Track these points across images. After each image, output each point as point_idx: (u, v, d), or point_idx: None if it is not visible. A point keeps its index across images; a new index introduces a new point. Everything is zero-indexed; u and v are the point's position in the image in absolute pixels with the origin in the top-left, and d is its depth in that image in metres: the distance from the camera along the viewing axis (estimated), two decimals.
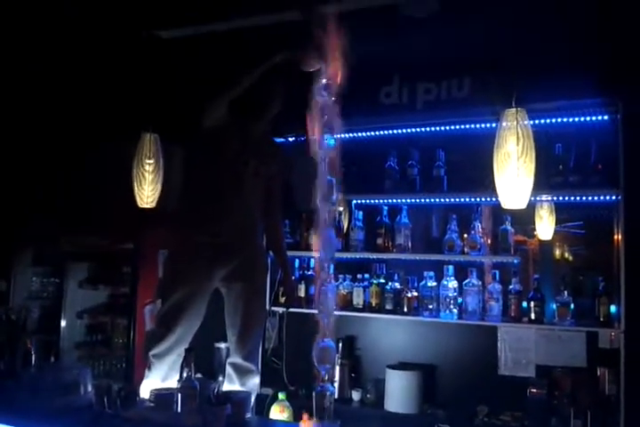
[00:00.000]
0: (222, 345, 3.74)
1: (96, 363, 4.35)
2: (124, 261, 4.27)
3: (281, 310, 3.77)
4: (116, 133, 3.91)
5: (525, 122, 2.39)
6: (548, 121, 3.37)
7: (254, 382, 2.93)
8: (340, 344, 3.70)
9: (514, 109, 2.36)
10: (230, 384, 2.87)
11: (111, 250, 4.26)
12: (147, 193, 3.20)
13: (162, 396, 2.40)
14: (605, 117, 3.29)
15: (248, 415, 2.42)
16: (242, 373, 2.89)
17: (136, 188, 3.17)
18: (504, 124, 2.41)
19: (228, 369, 2.92)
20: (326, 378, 2.09)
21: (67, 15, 3.13)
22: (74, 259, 4.50)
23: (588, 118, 3.32)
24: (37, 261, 4.76)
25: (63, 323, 4.48)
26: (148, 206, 3.19)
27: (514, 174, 2.36)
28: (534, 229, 3.58)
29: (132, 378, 3.94)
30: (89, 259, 4.51)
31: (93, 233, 4.29)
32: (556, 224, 3.54)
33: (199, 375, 3.16)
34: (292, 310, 3.52)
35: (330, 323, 2.16)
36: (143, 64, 3.52)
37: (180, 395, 2.26)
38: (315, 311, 2.12)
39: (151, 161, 3.14)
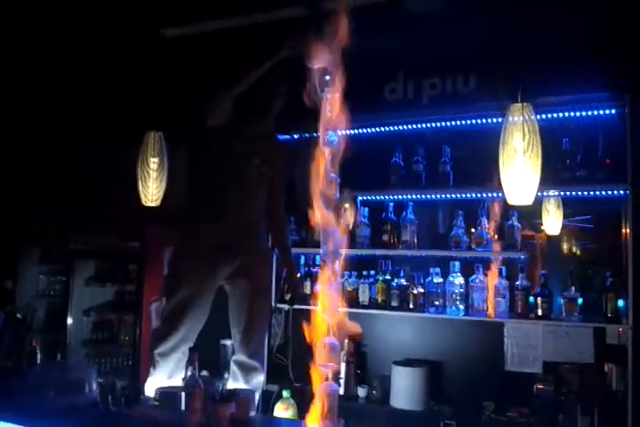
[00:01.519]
0: (228, 342, 3.73)
1: (102, 360, 4.36)
2: (131, 258, 4.27)
3: (286, 306, 3.76)
4: (121, 132, 3.90)
5: (531, 117, 2.37)
6: (554, 115, 3.33)
7: (259, 379, 2.92)
8: (346, 341, 3.69)
9: (520, 104, 2.34)
10: (235, 382, 2.87)
11: (118, 248, 4.25)
12: (151, 191, 3.21)
13: (166, 394, 2.39)
14: (613, 111, 3.25)
15: (253, 413, 2.41)
16: (246, 370, 2.89)
17: (140, 186, 3.18)
18: (510, 119, 2.39)
19: (233, 367, 2.92)
20: (330, 377, 2.07)
21: (71, 15, 3.11)
22: (81, 257, 4.51)
23: (595, 112, 3.29)
24: (45, 258, 4.77)
25: (70, 321, 4.48)
26: (152, 205, 3.20)
27: (520, 170, 2.34)
28: (541, 224, 3.55)
29: (138, 376, 3.94)
30: (96, 257, 4.51)
31: (100, 231, 4.29)
32: (564, 218, 3.51)
33: (204, 373, 3.16)
34: (297, 307, 3.50)
35: (334, 321, 2.14)
36: (147, 63, 3.50)
37: (184, 394, 2.25)
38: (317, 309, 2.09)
39: (155, 159, 3.14)
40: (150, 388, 2.77)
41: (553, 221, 3.53)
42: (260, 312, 2.94)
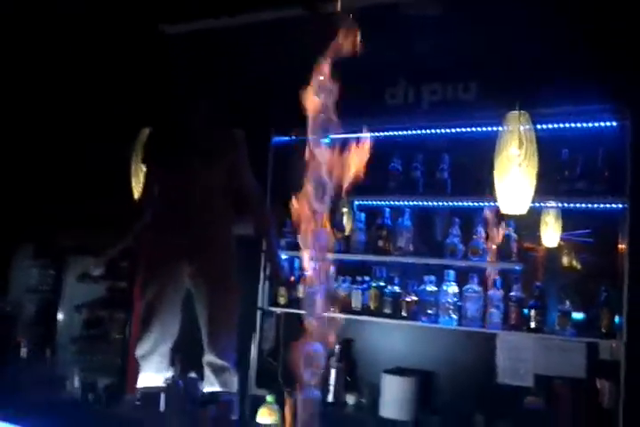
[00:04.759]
0: None
1: (93, 358, 4.32)
2: (123, 255, 4.24)
3: (278, 310, 3.74)
4: (117, 129, 3.89)
5: (528, 126, 2.35)
6: (554, 126, 3.27)
7: (232, 380, 2.86)
8: (337, 347, 3.65)
9: (516, 113, 2.32)
10: (209, 386, 2.79)
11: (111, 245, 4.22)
12: None
13: (147, 395, 2.37)
14: (614, 124, 3.20)
15: (234, 417, 2.38)
16: (217, 371, 2.81)
17: (134, 182, 3.16)
18: (506, 127, 2.36)
19: (205, 369, 2.86)
20: (312, 383, 2.04)
21: (69, 11, 3.12)
22: (74, 252, 4.49)
23: (596, 124, 3.24)
24: (39, 253, 4.75)
25: (60, 316, 4.47)
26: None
27: (514, 179, 2.31)
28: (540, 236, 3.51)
29: (126, 374, 3.90)
30: (89, 253, 4.48)
31: (94, 227, 4.27)
32: (564, 231, 3.46)
33: (193, 375, 3.13)
34: (289, 310, 3.46)
35: (320, 326, 2.11)
36: (145, 59, 3.49)
37: (163, 395, 2.22)
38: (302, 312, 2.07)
39: None
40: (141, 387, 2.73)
41: (551, 234, 3.48)
42: (223, 310, 2.87)
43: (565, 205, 3.36)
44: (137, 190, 3.20)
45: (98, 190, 4.08)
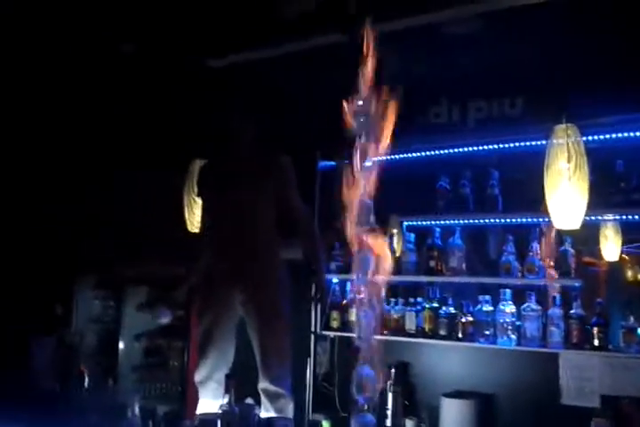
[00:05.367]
0: None
1: (153, 386, 4.39)
2: (179, 284, 4.31)
3: (332, 334, 3.72)
4: (170, 160, 4.00)
5: (577, 138, 2.30)
6: (607, 136, 3.19)
7: (288, 407, 2.86)
8: (393, 370, 3.60)
9: (564, 126, 2.27)
10: (266, 412, 2.81)
11: (168, 275, 4.31)
12: (197, 218, 3.26)
13: (204, 422, 2.39)
14: None
15: None
16: (272, 398, 2.83)
17: (187, 213, 3.24)
18: (554, 141, 2.32)
19: (261, 396, 2.87)
20: (366, 407, 2.02)
21: (123, 51, 3.26)
22: (133, 283, 4.60)
23: None
24: (100, 284, 4.89)
25: (121, 346, 4.57)
26: (198, 231, 3.24)
27: (565, 193, 2.26)
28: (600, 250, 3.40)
29: (185, 401, 3.95)
30: (147, 283, 4.59)
31: (152, 258, 4.38)
32: (625, 244, 3.34)
33: (249, 400, 3.13)
34: (342, 334, 3.44)
35: (370, 349, 2.10)
36: (194, 92, 3.59)
37: (219, 422, 2.24)
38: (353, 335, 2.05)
39: None
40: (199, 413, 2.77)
41: (612, 248, 3.37)
42: (274, 337, 2.88)
43: (623, 217, 3.25)
44: (190, 222, 3.28)
45: (155, 221, 4.18)
